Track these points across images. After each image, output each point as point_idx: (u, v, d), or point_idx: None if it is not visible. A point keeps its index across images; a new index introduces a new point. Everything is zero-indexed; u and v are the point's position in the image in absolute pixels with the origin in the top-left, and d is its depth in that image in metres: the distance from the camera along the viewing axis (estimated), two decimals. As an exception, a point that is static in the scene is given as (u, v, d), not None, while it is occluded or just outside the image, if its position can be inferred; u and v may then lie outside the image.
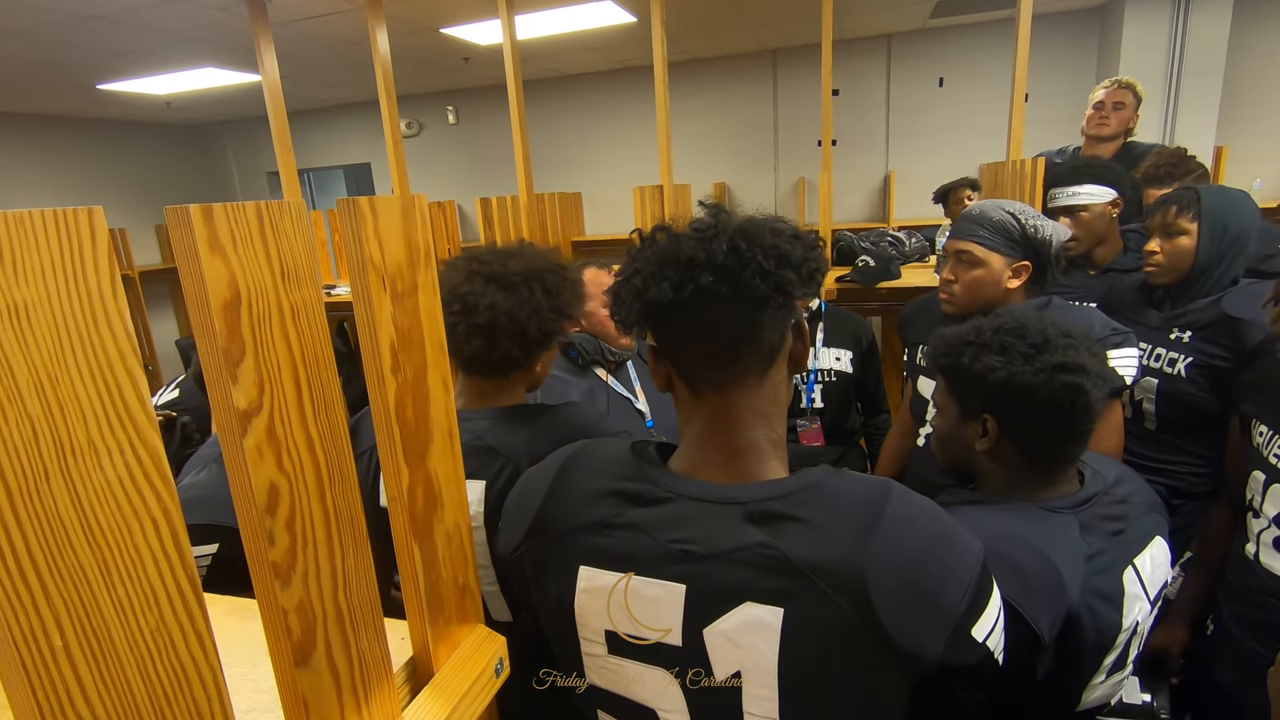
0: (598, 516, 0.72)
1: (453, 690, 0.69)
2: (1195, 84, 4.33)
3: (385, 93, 3.30)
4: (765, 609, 0.64)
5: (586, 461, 0.78)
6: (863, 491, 0.67)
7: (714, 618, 0.66)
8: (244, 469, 0.49)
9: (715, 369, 0.70)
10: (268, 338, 0.50)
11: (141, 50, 4.14)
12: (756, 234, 0.67)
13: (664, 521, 0.69)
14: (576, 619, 0.73)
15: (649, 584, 0.69)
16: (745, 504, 0.67)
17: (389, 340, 0.64)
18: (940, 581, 0.64)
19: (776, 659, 0.64)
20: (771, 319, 0.69)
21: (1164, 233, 1.61)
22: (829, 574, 0.62)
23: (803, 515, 0.65)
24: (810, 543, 0.64)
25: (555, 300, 1.09)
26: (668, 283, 0.67)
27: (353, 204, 0.60)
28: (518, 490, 0.83)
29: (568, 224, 5.28)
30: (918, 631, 0.62)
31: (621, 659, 0.72)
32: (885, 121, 5.46)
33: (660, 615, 0.68)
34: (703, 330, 0.69)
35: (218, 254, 0.46)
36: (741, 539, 0.65)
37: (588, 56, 5.34)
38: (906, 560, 0.63)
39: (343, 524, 0.57)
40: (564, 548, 0.74)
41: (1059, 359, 0.95)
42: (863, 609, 0.61)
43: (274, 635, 0.53)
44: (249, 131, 7.24)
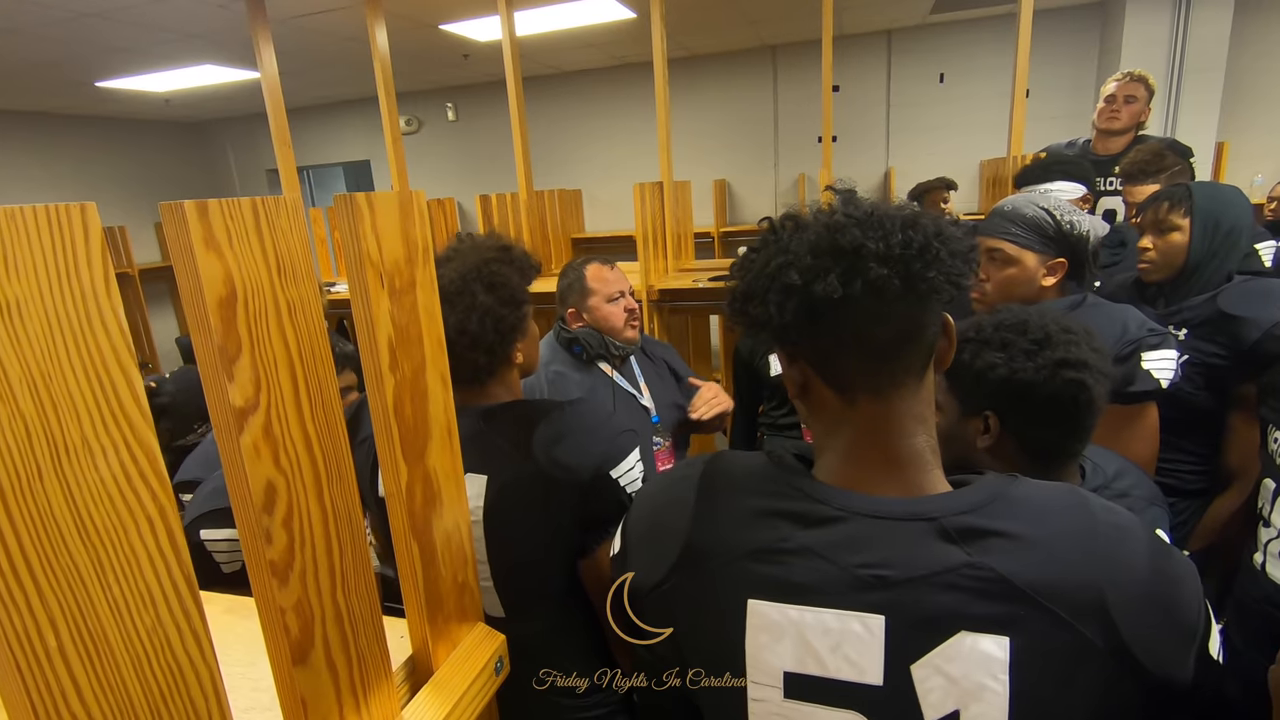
0: (763, 541, 0.63)
1: (452, 688, 0.69)
2: (1196, 80, 4.31)
3: (384, 89, 3.29)
4: (988, 639, 0.56)
5: (726, 477, 0.69)
6: (1060, 499, 0.61)
7: (924, 651, 0.58)
8: (241, 467, 0.49)
9: (875, 371, 0.62)
10: (264, 334, 0.50)
11: (140, 47, 4.13)
12: (922, 223, 0.60)
13: (844, 544, 0.61)
14: (747, 660, 0.64)
15: (840, 616, 0.60)
16: (936, 519, 0.59)
17: (387, 337, 0.63)
18: (1177, 595, 0.58)
19: (1007, 696, 0.56)
20: (934, 314, 0.62)
21: (1156, 229, 1.60)
22: (1061, 596, 0.56)
23: (1008, 529, 0.58)
24: (1028, 560, 0.57)
25: (501, 293, 1.04)
26: (835, 276, 0.58)
27: (350, 200, 0.59)
28: (644, 514, 0.74)
29: (567, 221, 5.27)
30: (1167, 654, 0.56)
31: (801, 703, 0.62)
32: (885, 118, 5.45)
33: (856, 652, 0.60)
34: (865, 328, 0.61)
35: (213, 250, 0.46)
36: (944, 560, 0.58)
37: (587, 53, 5.33)
38: (1140, 574, 0.57)
39: (340, 522, 0.57)
40: (726, 580, 0.64)
41: (1060, 355, 0.94)
42: (1108, 635, 0.55)
43: (272, 634, 0.53)
44: (248, 129, 7.23)
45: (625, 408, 1.67)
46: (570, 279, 1.72)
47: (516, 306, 1.07)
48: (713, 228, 5.57)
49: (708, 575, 0.65)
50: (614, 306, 1.67)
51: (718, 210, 5.68)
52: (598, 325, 1.68)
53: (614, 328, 1.67)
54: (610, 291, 1.67)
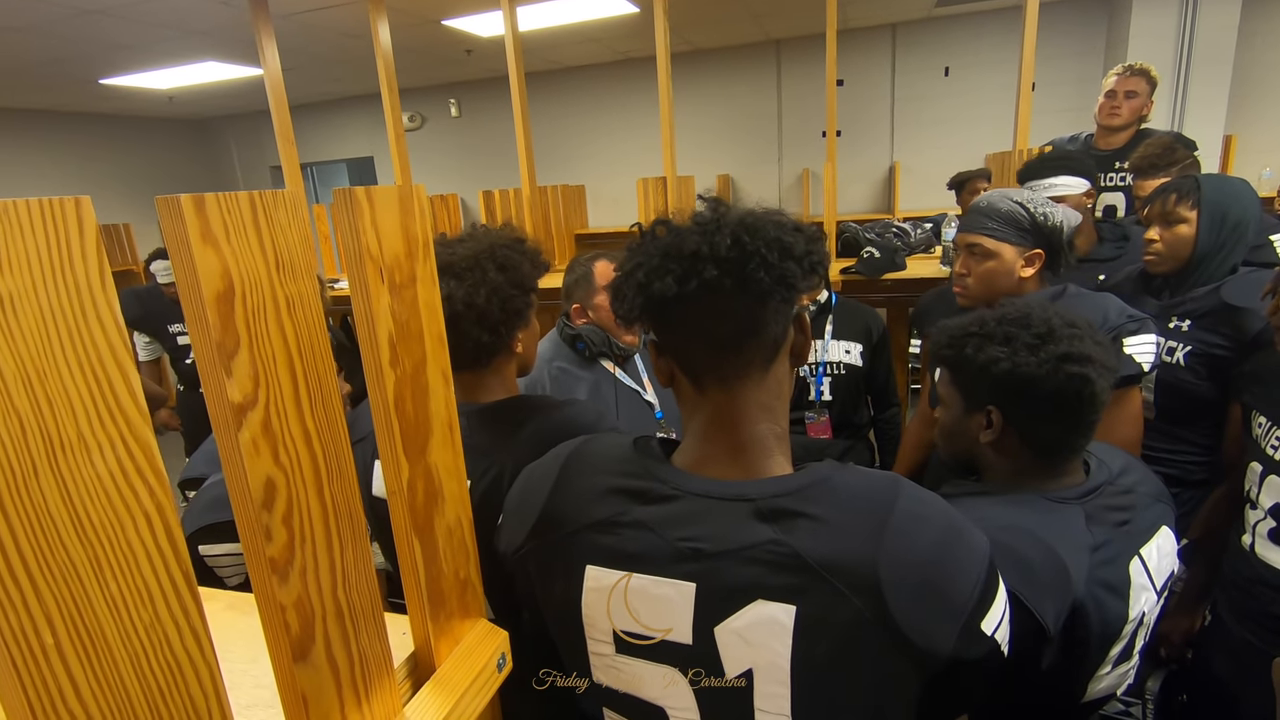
0: (604, 515, 0.72)
1: (454, 686, 0.69)
2: (1204, 72, 4.28)
3: (387, 85, 3.29)
4: (778, 606, 0.64)
5: (589, 458, 0.77)
6: (872, 488, 0.67)
7: (725, 616, 0.66)
8: (239, 463, 0.48)
9: (719, 363, 0.70)
10: (263, 330, 0.49)
11: (143, 44, 4.13)
12: (759, 227, 0.66)
13: (672, 519, 0.68)
14: (584, 618, 0.73)
15: (658, 583, 0.68)
16: (754, 500, 0.66)
17: (387, 333, 0.63)
18: (952, 578, 0.64)
19: (790, 656, 0.64)
20: (774, 312, 0.69)
21: (1163, 221, 1.60)
22: (842, 572, 0.62)
23: (813, 512, 0.65)
24: (823, 540, 0.64)
25: (512, 275, 1.05)
26: (671, 276, 0.66)
27: (349, 194, 0.59)
28: (519, 488, 0.82)
29: (570, 216, 5.26)
30: (931, 627, 0.62)
31: (629, 658, 0.72)
32: (890, 112, 5.43)
33: (670, 614, 0.68)
34: (706, 324, 0.68)
35: (210, 245, 0.45)
36: (752, 536, 0.65)
37: (590, 48, 5.31)
38: (919, 557, 0.63)
39: (341, 519, 0.57)
40: (570, 547, 0.73)
41: (1064, 349, 0.93)
42: (877, 606, 0.62)
43: (272, 631, 0.52)
44: (252, 126, 7.24)
45: (628, 405, 1.66)
46: (578, 274, 1.71)
47: (524, 291, 1.07)
48: (716, 223, 5.55)
49: (555, 542, 0.74)
50: None
51: (721, 206, 5.65)
52: (602, 323, 1.67)
53: (616, 329, 1.67)
54: None
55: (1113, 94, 2.59)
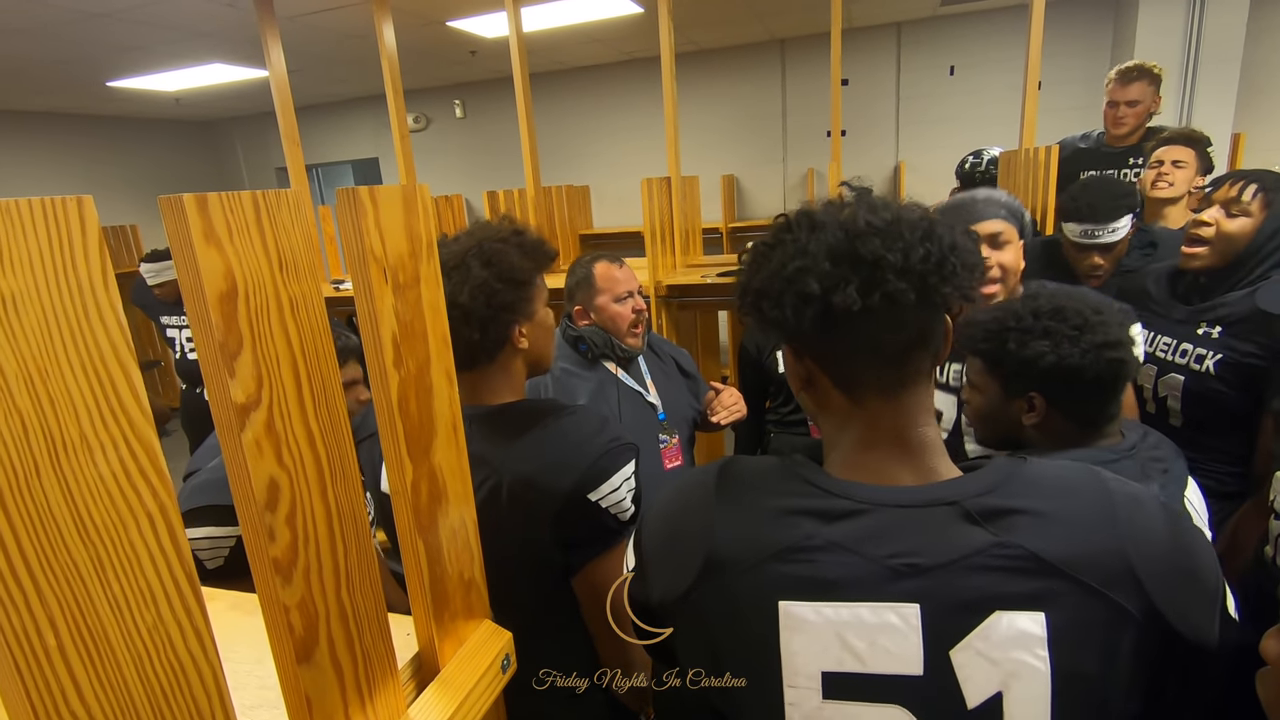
0: (787, 541, 0.62)
1: (458, 686, 0.69)
2: (1212, 70, 4.25)
3: (392, 86, 3.29)
4: (1023, 615, 0.56)
5: (741, 481, 0.68)
6: (1073, 475, 0.62)
7: (961, 635, 0.58)
8: (243, 464, 0.48)
9: (885, 375, 0.63)
10: (266, 330, 0.49)
11: (150, 47, 4.15)
12: (939, 233, 0.61)
13: (870, 536, 0.60)
14: (783, 664, 0.62)
15: (874, 609, 0.59)
16: (957, 503, 0.60)
17: (391, 333, 0.63)
18: (1197, 559, 0.59)
19: (1049, 672, 0.56)
20: (942, 321, 0.64)
21: (1226, 208, 1.47)
22: (1091, 567, 0.56)
23: (1029, 507, 0.59)
24: (1055, 535, 0.57)
25: (498, 269, 1.03)
26: (853, 287, 0.58)
27: (353, 194, 0.59)
28: (664, 526, 0.71)
29: (575, 217, 5.27)
30: (1195, 616, 0.57)
31: (842, 703, 0.61)
32: (895, 111, 5.41)
33: (894, 643, 0.59)
34: (878, 337, 0.62)
35: (213, 245, 0.45)
36: (971, 542, 0.58)
37: (594, 48, 5.31)
38: (1162, 540, 0.58)
39: (345, 519, 0.57)
40: (753, 584, 0.63)
41: (1100, 338, 1.01)
42: (1140, 599, 0.56)
43: (276, 632, 0.52)
44: (257, 127, 7.26)
45: (630, 406, 1.66)
46: (579, 276, 1.71)
47: (515, 285, 1.05)
48: (721, 223, 5.55)
49: (734, 582, 0.64)
50: (621, 307, 1.66)
51: (726, 205, 5.65)
52: (604, 324, 1.67)
53: (619, 329, 1.66)
54: (619, 291, 1.66)
55: (1114, 104, 2.56)
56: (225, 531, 1.16)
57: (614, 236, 5.70)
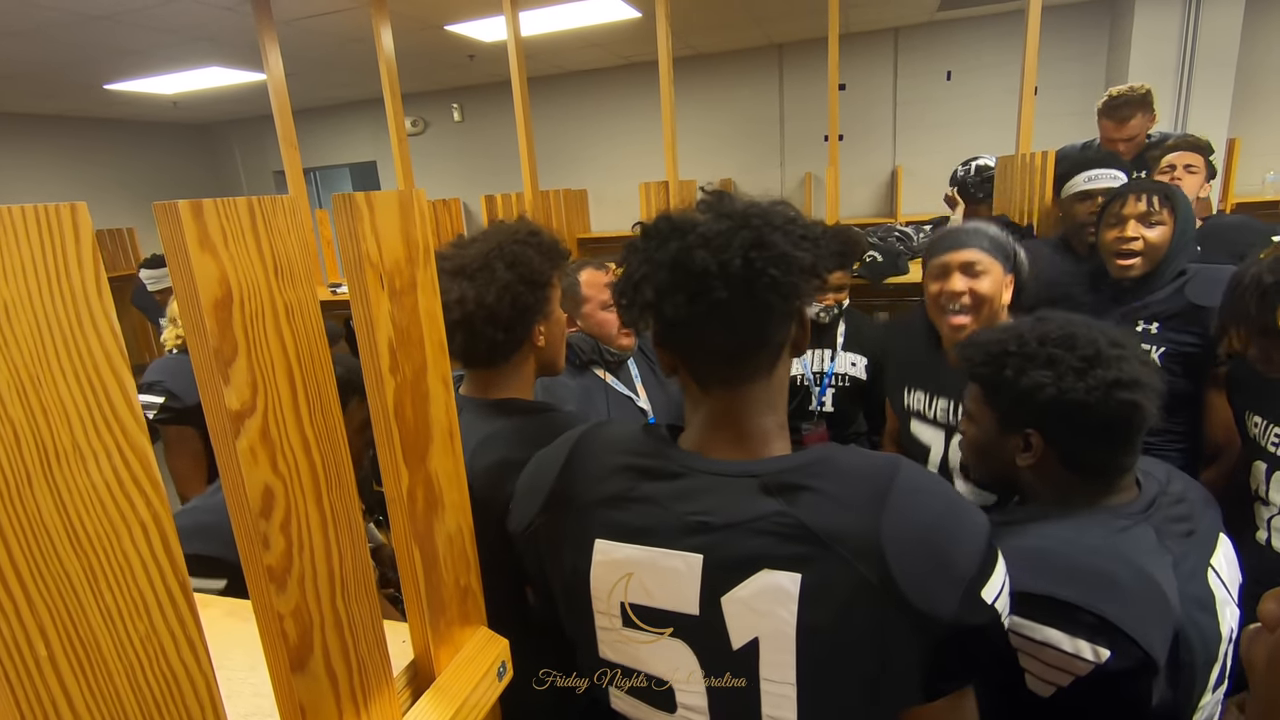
0: (613, 490, 0.73)
1: (454, 694, 0.68)
2: (1207, 75, 4.27)
3: (390, 90, 3.29)
4: (783, 575, 0.64)
5: (599, 440, 0.80)
6: (873, 464, 0.68)
7: (732, 585, 0.66)
8: (237, 472, 0.48)
9: (724, 371, 0.71)
10: (261, 337, 0.49)
11: (147, 50, 4.15)
12: (768, 240, 0.66)
13: (680, 495, 0.70)
14: (591, 592, 0.74)
15: (667, 555, 0.69)
16: (760, 476, 0.68)
17: (387, 339, 0.63)
18: (954, 544, 0.65)
19: (795, 624, 0.64)
20: (781, 321, 0.70)
21: (1145, 221, 1.64)
22: (847, 540, 0.63)
23: (817, 485, 0.66)
24: (827, 511, 0.65)
25: (521, 271, 1.05)
26: (682, 295, 0.66)
27: (349, 200, 0.59)
28: (529, 470, 0.84)
29: (573, 220, 5.27)
30: (934, 591, 0.63)
31: (636, 632, 0.72)
32: (892, 116, 5.43)
33: (677, 586, 0.69)
34: (713, 338, 0.69)
35: (208, 251, 0.45)
36: (759, 509, 0.66)
37: (592, 53, 5.32)
38: (920, 526, 0.64)
39: (340, 527, 0.56)
40: (580, 521, 0.75)
41: (1114, 375, 0.87)
42: (880, 572, 0.62)
43: (270, 641, 0.52)
44: (255, 130, 7.26)
45: (620, 412, 1.66)
46: (564, 286, 1.70)
47: (537, 287, 1.07)
48: (719, 227, 5.54)
49: (565, 517, 0.76)
50: (609, 313, 1.66)
51: (724, 209, 5.65)
52: (591, 331, 1.67)
53: (608, 334, 1.66)
54: (604, 298, 1.66)
55: (1112, 141, 2.52)
56: (208, 584, 1.03)
57: (612, 240, 5.69)
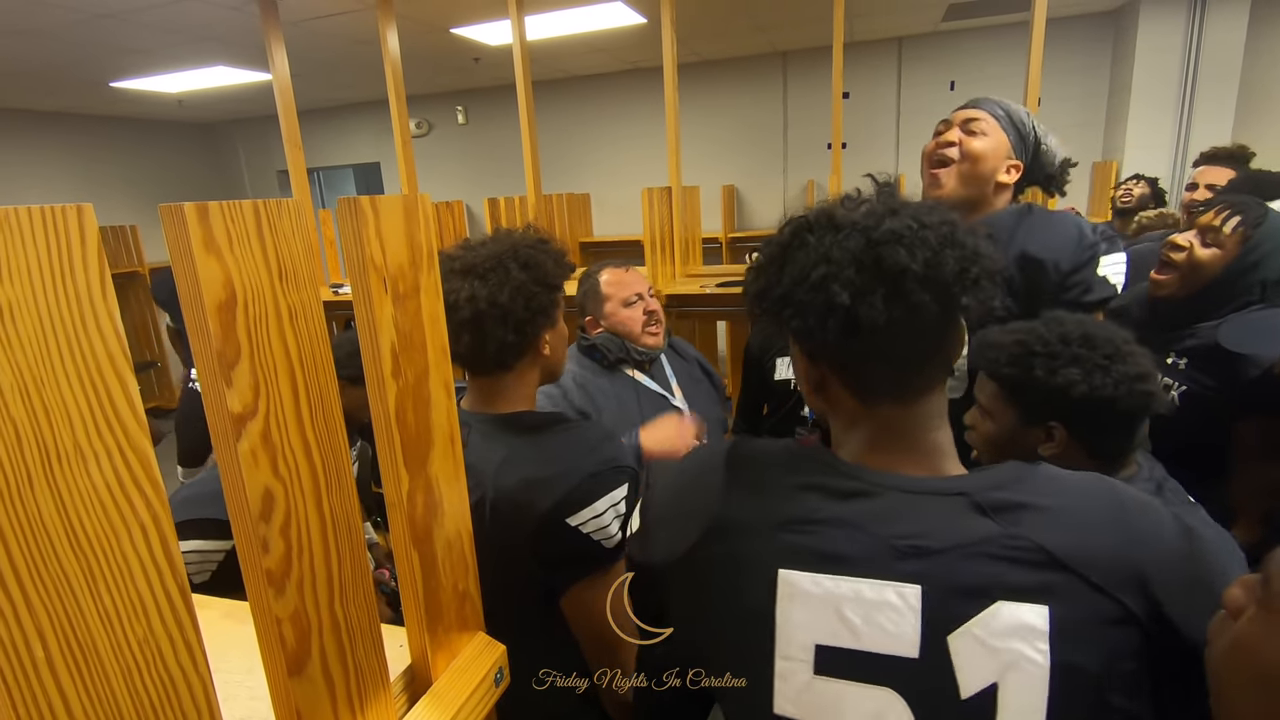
0: (794, 513, 0.62)
1: (451, 700, 0.68)
2: (1211, 89, 4.28)
3: (394, 92, 3.30)
4: (1027, 608, 0.55)
5: (755, 456, 0.68)
6: (1085, 478, 0.61)
7: (960, 621, 0.56)
8: (238, 474, 0.48)
9: (901, 382, 0.62)
10: (264, 340, 0.49)
11: (153, 48, 4.16)
12: (961, 240, 0.59)
13: (878, 516, 0.60)
14: (777, 633, 0.61)
15: (875, 586, 0.58)
16: (968, 494, 0.59)
17: (390, 343, 0.63)
18: (1214, 569, 0.57)
19: (1048, 665, 0.54)
20: (960, 327, 0.63)
21: (1203, 235, 1.43)
22: (1099, 565, 0.55)
23: (1039, 503, 0.58)
24: (1062, 531, 0.56)
25: (535, 273, 1.04)
26: (879, 297, 0.57)
27: (354, 203, 0.59)
28: (671, 493, 0.72)
29: (575, 225, 5.28)
30: (1197, 619, 0.52)
31: (832, 679, 0.60)
32: (896, 125, 5.44)
33: (891, 624, 0.58)
34: (897, 346, 0.60)
35: (213, 254, 0.45)
36: (979, 530, 0.57)
37: (597, 58, 5.34)
38: (1173, 547, 0.57)
39: (340, 531, 0.56)
40: (758, 547, 0.63)
41: (1134, 369, 0.98)
42: (1146, 603, 0.54)
43: (268, 645, 0.52)
44: (260, 130, 7.27)
45: (653, 410, 1.63)
46: (586, 287, 1.71)
47: (549, 289, 1.06)
48: (721, 233, 5.56)
49: (738, 544, 0.64)
50: (631, 311, 1.65)
51: (726, 216, 5.67)
52: (616, 331, 1.66)
53: (633, 332, 1.66)
54: (626, 295, 1.65)
55: None
56: (215, 545, 1.14)
57: (614, 245, 5.71)
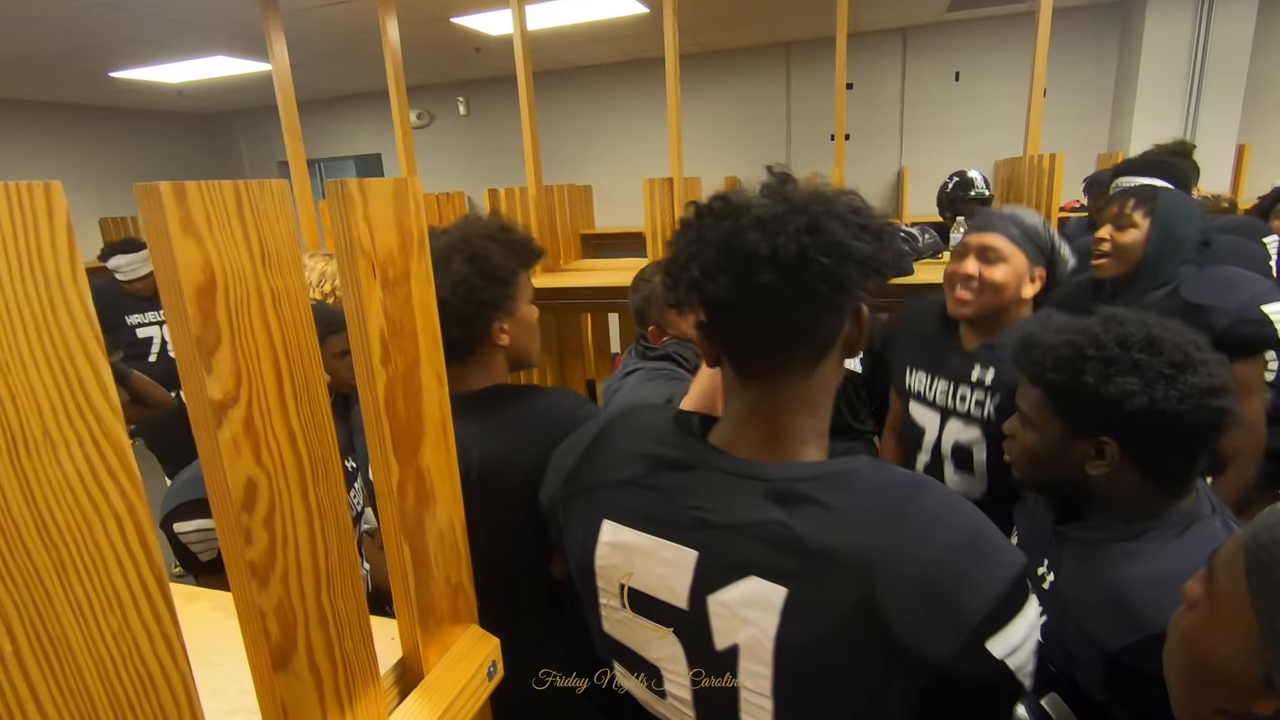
0: (629, 475, 0.74)
1: (443, 693, 0.67)
2: (1218, 81, 4.23)
3: (395, 83, 3.27)
4: (769, 586, 0.63)
5: (630, 425, 0.80)
6: (896, 483, 0.65)
7: (718, 587, 0.66)
8: (219, 463, 0.46)
9: (765, 361, 0.68)
10: (246, 325, 0.48)
11: (153, 38, 4.14)
12: (824, 226, 0.62)
13: (689, 488, 0.69)
14: (596, 570, 0.74)
15: (664, 545, 0.69)
16: (770, 481, 0.66)
17: (379, 330, 0.61)
18: (960, 585, 0.59)
19: (774, 637, 0.63)
20: (830, 314, 0.66)
21: (1115, 224, 1.67)
22: (839, 561, 0.60)
23: (826, 500, 0.63)
24: (827, 528, 0.62)
25: (481, 264, 1.03)
26: (726, 277, 0.62)
27: (342, 186, 0.57)
28: (563, 446, 0.86)
29: (577, 216, 5.24)
30: (927, 632, 0.58)
31: (634, 615, 0.73)
32: (900, 116, 5.39)
33: (670, 578, 0.69)
34: (756, 325, 0.66)
35: (191, 235, 0.44)
36: (759, 515, 0.64)
37: (599, 48, 5.30)
38: (926, 557, 0.60)
39: (326, 521, 0.55)
40: (593, 499, 0.76)
41: (1205, 382, 0.83)
42: (869, 601, 0.59)
43: (251, 638, 0.50)
44: (260, 120, 7.24)
45: None
46: (645, 292, 1.58)
47: (497, 282, 1.04)
48: (723, 225, 5.52)
49: (583, 493, 0.78)
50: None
51: (728, 208, 5.63)
52: (681, 336, 1.54)
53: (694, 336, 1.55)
54: None
55: None
56: None
57: (616, 237, 5.68)
